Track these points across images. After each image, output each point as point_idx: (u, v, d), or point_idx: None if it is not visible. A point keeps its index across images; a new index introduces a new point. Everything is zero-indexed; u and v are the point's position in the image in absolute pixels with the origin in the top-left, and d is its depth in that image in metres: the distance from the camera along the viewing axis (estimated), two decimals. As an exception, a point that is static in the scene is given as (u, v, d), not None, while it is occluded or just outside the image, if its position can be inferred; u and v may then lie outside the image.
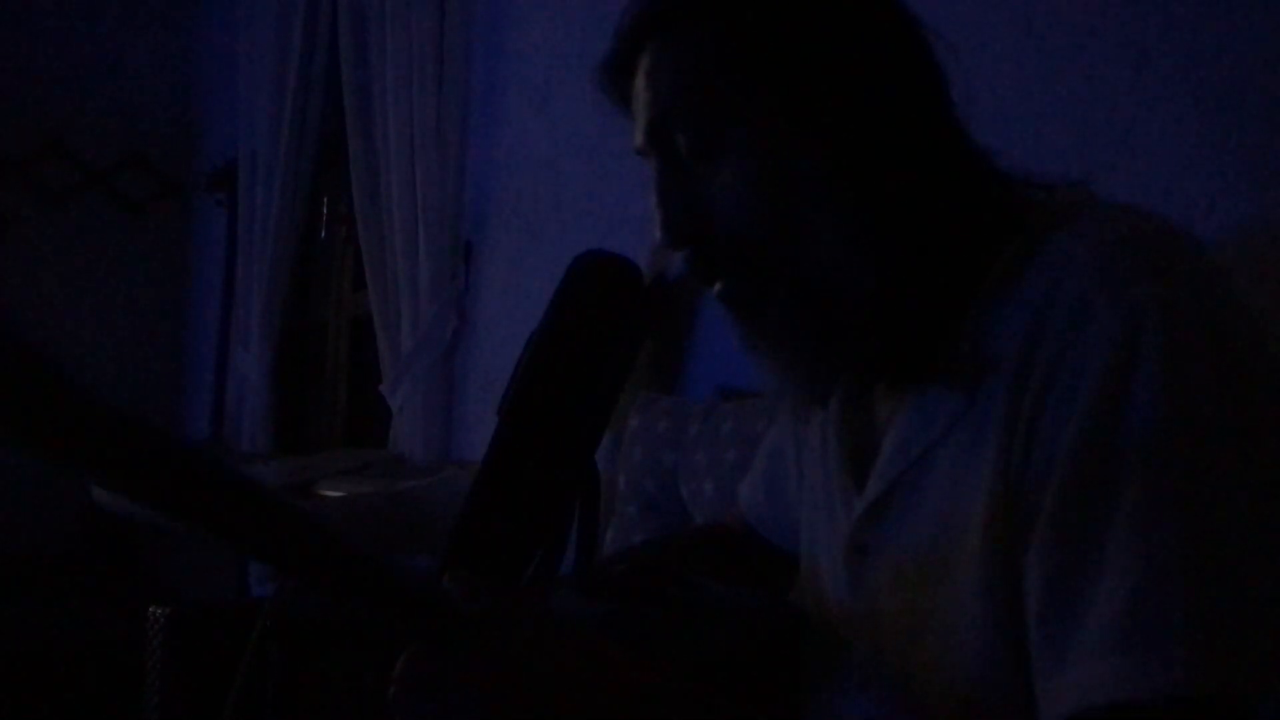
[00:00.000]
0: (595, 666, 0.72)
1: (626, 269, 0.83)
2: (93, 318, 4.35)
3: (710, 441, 1.94)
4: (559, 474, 0.79)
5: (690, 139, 0.81)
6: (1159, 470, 0.65)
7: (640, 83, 0.84)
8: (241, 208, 3.90)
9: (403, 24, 3.03)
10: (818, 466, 0.95)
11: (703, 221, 0.81)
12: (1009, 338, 0.73)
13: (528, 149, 2.83)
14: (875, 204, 0.78)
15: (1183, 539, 0.64)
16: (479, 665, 0.68)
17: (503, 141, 2.92)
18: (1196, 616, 0.63)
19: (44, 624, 3.06)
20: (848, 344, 0.82)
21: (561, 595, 0.85)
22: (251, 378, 3.78)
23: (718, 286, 0.83)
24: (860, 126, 0.78)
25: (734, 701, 0.79)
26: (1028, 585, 0.69)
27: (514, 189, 2.87)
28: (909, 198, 0.78)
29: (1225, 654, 0.62)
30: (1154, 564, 0.64)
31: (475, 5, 2.98)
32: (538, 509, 0.78)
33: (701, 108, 0.80)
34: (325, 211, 3.92)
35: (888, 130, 0.78)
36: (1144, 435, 0.66)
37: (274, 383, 3.77)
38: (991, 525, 0.72)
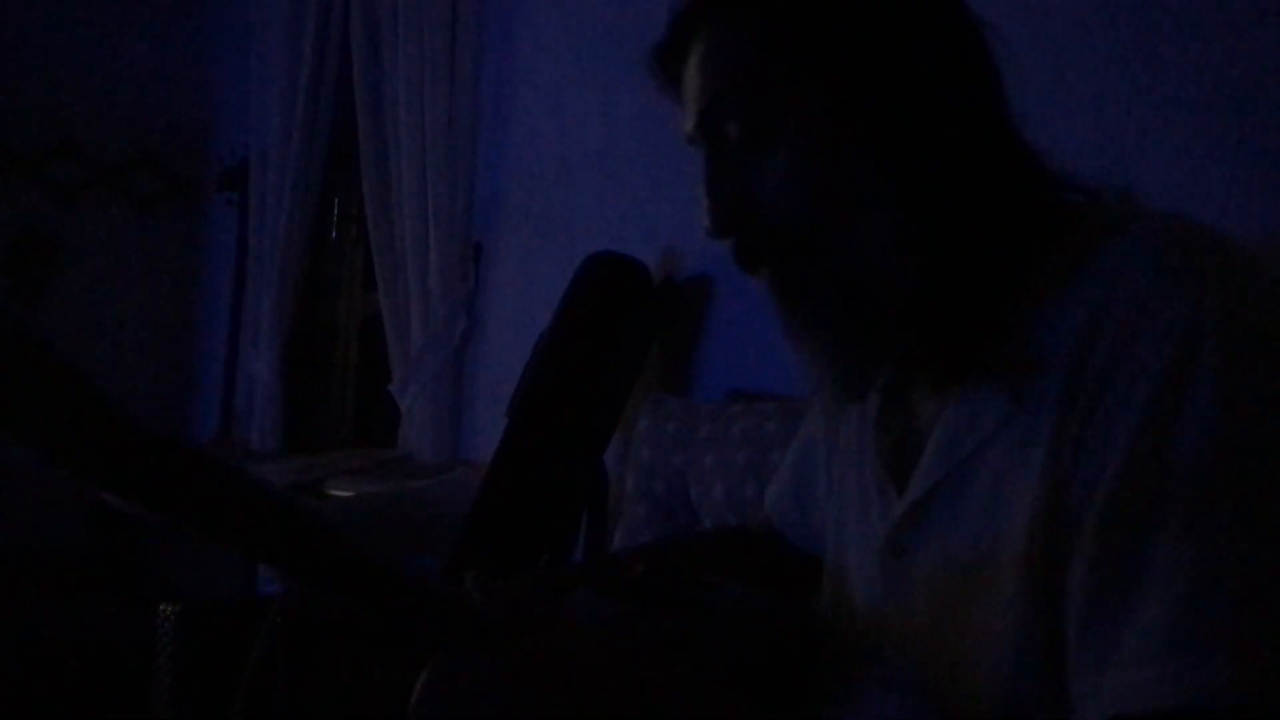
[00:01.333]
0: (616, 671, 0.72)
1: (636, 270, 0.84)
2: (103, 316, 4.36)
3: (719, 443, 1.94)
4: (568, 474, 0.80)
5: (742, 127, 0.80)
6: (1212, 481, 0.65)
7: (693, 69, 0.83)
8: (252, 207, 3.91)
9: (414, 24, 3.03)
10: (851, 465, 0.94)
11: (751, 210, 0.81)
12: (1060, 341, 0.73)
13: (538, 150, 2.83)
14: (925, 198, 0.78)
15: (1234, 549, 0.64)
16: (501, 677, 0.68)
17: (513, 142, 2.92)
18: (1245, 626, 0.62)
19: (54, 621, 3.07)
20: (892, 337, 0.81)
21: (578, 595, 0.86)
22: (261, 377, 3.79)
23: (763, 275, 0.83)
24: (913, 120, 0.78)
25: (750, 704, 0.79)
26: (1070, 588, 0.69)
27: (524, 190, 2.87)
28: (959, 193, 0.78)
29: (1272, 664, 0.62)
30: (1203, 573, 0.63)
31: (487, 6, 2.99)
32: (546, 509, 0.79)
33: (755, 96, 0.80)
34: (336, 211, 3.92)
35: (941, 124, 0.78)
36: (1199, 444, 0.65)
37: (283, 382, 3.77)
38: (1036, 530, 0.72)
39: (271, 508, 0.56)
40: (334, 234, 3.95)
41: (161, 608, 1.94)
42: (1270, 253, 1.37)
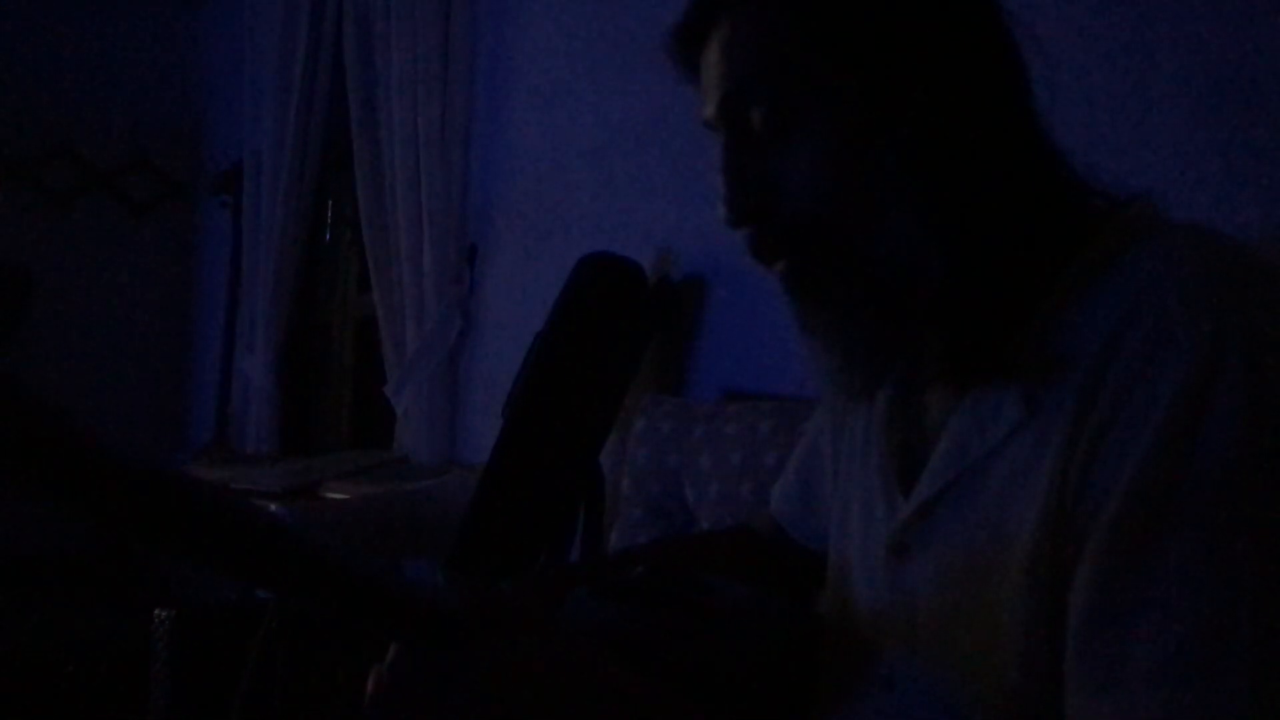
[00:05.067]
0: (584, 679, 0.70)
1: (630, 271, 0.83)
2: (98, 320, 4.35)
3: (715, 444, 1.94)
4: (564, 475, 0.79)
5: (765, 114, 0.78)
6: (1233, 497, 0.64)
7: (715, 54, 0.81)
8: (246, 210, 3.90)
9: (408, 26, 3.03)
10: (857, 464, 0.93)
11: (770, 199, 0.79)
12: (1078, 349, 0.71)
13: (532, 151, 2.83)
14: (950, 194, 0.76)
15: (1251, 576, 0.62)
16: (462, 669, 0.67)
17: (507, 144, 2.92)
18: (1265, 655, 0.61)
19: (49, 625, 3.06)
20: (909, 334, 0.80)
21: (578, 597, 0.85)
22: (256, 379, 3.79)
23: (780, 266, 0.81)
24: (941, 113, 0.76)
25: (733, 715, 0.78)
26: (1073, 599, 0.68)
27: (518, 191, 2.87)
28: (985, 191, 0.76)
29: None
30: (1219, 599, 0.62)
31: (480, 8, 2.98)
32: (542, 510, 0.78)
33: (780, 83, 0.78)
34: (330, 214, 3.92)
35: (969, 119, 0.77)
36: (1220, 460, 0.64)
37: (279, 384, 3.77)
38: (1042, 538, 0.70)
39: (254, 528, 0.55)
40: (328, 236, 3.94)
41: (157, 612, 1.94)
42: (1267, 252, 1.37)
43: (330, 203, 3.91)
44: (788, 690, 0.88)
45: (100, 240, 4.39)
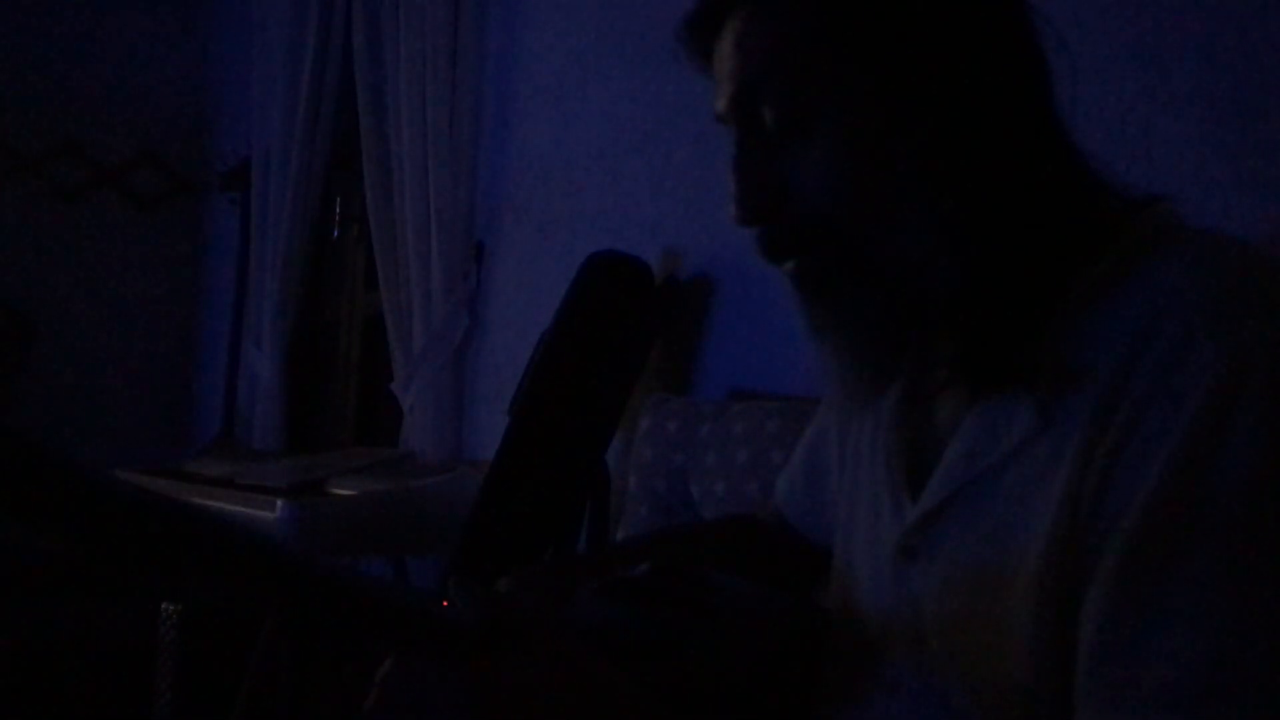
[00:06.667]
0: (582, 695, 0.69)
1: (638, 269, 0.82)
2: (105, 316, 4.36)
3: (721, 442, 1.94)
4: (569, 473, 0.79)
5: (778, 112, 0.77)
6: (1251, 522, 0.62)
7: (728, 47, 0.79)
8: (254, 206, 3.91)
9: (416, 23, 3.03)
10: (864, 464, 0.92)
11: (781, 198, 0.78)
12: (1096, 358, 0.70)
13: (540, 149, 2.83)
14: (967, 195, 0.75)
15: (1269, 599, 0.61)
16: (458, 681, 0.67)
17: (515, 142, 2.92)
18: (1277, 681, 0.60)
19: (56, 620, 3.07)
20: (919, 337, 0.79)
21: (582, 597, 0.85)
22: (263, 376, 3.79)
23: (790, 266, 0.80)
24: (959, 113, 0.74)
25: (733, 717, 0.77)
26: (1085, 615, 0.67)
27: (526, 189, 2.87)
28: (1002, 193, 0.75)
29: None
30: (1238, 617, 0.61)
31: (489, 6, 2.99)
32: (548, 507, 0.78)
33: (793, 81, 0.76)
34: (338, 210, 3.92)
35: (987, 120, 0.75)
36: (1240, 478, 0.63)
37: (285, 381, 3.77)
38: (1053, 550, 0.69)
39: (242, 549, 0.55)
40: (336, 233, 3.95)
41: (164, 607, 1.94)
42: (1277, 253, 1.37)
43: (338, 200, 3.91)
44: (792, 689, 0.88)
45: (107, 236, 4.40)
